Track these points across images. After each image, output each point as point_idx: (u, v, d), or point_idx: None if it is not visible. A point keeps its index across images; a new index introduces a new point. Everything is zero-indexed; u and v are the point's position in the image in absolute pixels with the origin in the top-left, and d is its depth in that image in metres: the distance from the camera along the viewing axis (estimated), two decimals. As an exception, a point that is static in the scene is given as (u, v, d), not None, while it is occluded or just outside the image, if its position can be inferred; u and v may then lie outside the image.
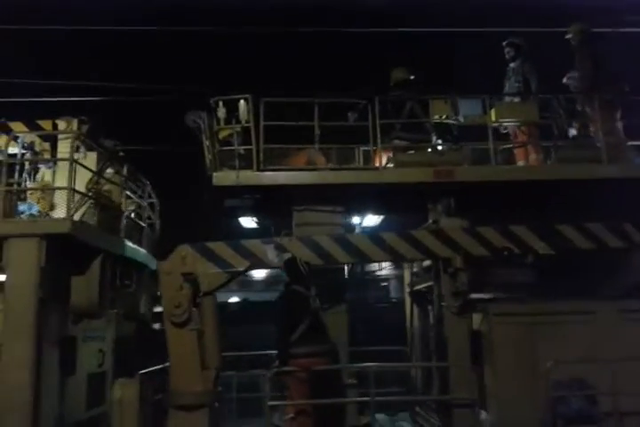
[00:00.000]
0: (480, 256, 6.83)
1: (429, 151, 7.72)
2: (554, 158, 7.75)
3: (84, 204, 7.37)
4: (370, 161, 7.60)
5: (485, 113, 7.59)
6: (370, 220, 8.81)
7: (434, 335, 7.67)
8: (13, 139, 6.87)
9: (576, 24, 8.39)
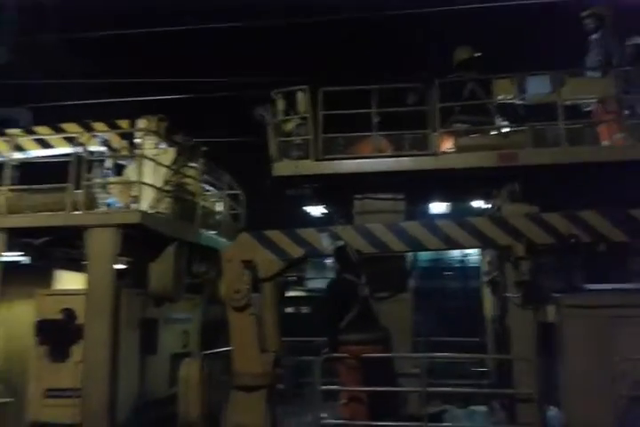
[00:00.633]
0: (544, 244, 6.41)
1: (492, 134, 7.35)
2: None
3: (162, 196, 7.98)
4: (430, 147, 7.39)
5: (555, 90, 7.05)
6: (434, 207, 8.57)
7: (499, 327, 7.36)
8: (94, 137, 7.58)
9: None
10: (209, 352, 7.34)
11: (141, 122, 8.45)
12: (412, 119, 7.47)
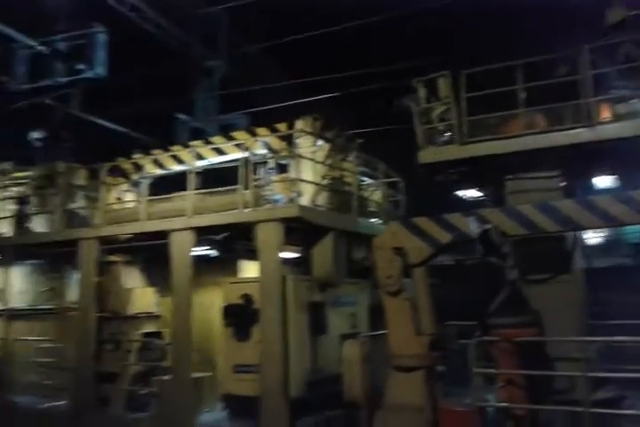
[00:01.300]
0: None
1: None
2: None
3: (319, 190, 8.62)
4: (586, 118, 6.89)
5: None
6: (598, 182, 7.88)
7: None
8: (257, 142, 8.46)
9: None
10: (370, 334, 7.78)
11: (299, 123, 9.18)
12: (564, 91, 7.04)
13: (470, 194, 8.50)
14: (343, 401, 7.35)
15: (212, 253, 9.43)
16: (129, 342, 9.43)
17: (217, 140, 9.93)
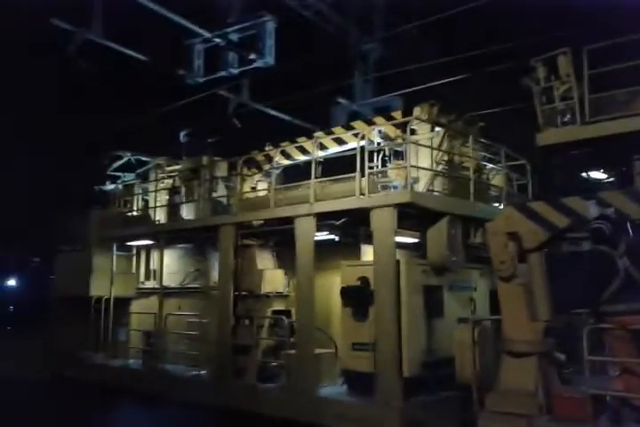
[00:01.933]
0: None
1: None
2: None
3: (434, 176, 8.73)
4: None
5: None
6: None
7: None
8: (373, 131, 8.76)
9: None
10: (482, 318, 7.78)
11: (416, 110, 9.32)
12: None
13: (595, 176, 8.08)
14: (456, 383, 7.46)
15: (335, 237, 9.94)
16: (261, 319, 10.28)
17: (337, 130, 10.38)
